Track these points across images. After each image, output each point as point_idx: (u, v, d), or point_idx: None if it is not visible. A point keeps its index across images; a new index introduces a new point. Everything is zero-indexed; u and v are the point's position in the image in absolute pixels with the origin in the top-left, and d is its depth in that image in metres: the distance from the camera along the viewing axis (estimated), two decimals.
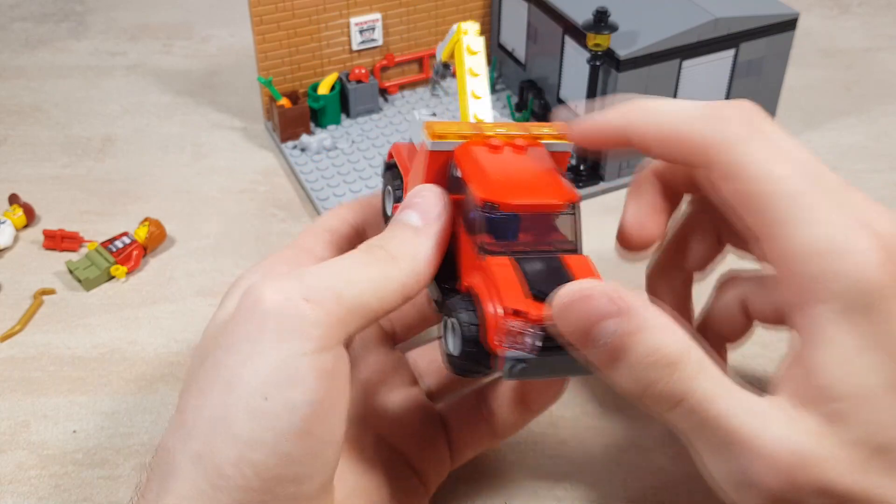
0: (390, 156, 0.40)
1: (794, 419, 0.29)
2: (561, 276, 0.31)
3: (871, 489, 0.28)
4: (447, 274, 0.34)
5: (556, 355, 0.30)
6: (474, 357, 0.31)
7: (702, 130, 0.32)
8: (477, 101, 0.38)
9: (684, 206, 0.40)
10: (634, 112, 0.34)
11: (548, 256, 0.32)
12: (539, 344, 0.30)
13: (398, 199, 0.38)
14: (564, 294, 0.29)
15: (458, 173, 0.34)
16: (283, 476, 0.29)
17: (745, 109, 0.32)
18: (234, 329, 0.30)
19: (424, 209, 0.33)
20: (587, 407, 0.47)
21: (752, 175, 0.31)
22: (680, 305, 0.42)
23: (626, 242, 0.38)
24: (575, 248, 0.33)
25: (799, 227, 0.30)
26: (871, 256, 0.29)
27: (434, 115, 0.40)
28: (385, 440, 0.38)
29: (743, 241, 0.38)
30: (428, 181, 0.35)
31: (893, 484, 0.29)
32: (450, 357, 0.32)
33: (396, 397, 0.40)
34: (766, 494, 0.28)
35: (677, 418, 0.29)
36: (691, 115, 0.33)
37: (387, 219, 0.39)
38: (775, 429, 0.28)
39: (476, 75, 0.39)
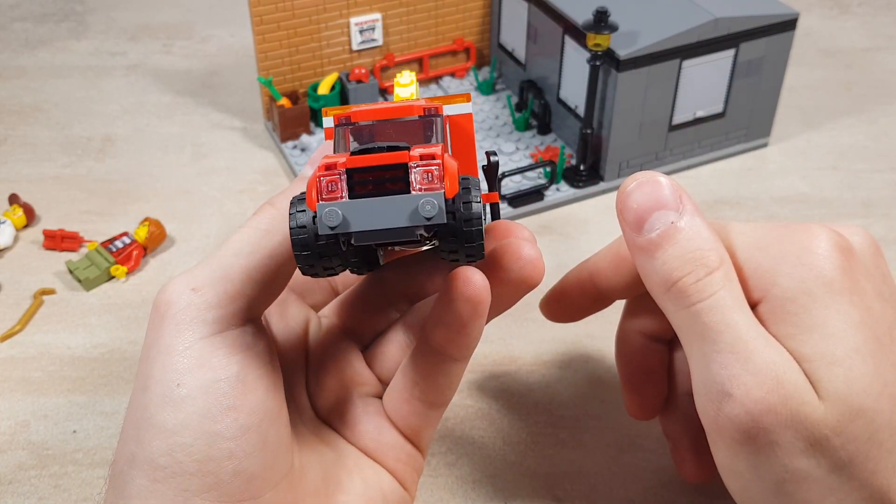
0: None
1: (793, 362, 0.30)
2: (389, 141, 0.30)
3: (852, 448, 0.29)
4: None
5: (372, 198, 0.28)
6: (309, 241, 0.29)
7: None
8: None
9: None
10: (587, 260, 0.39)
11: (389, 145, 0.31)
12: (347, 187, 0.28)
13: None
14: (635, 176, 0.33)
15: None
16: (217, 455, 0.29)
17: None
18: (146, 337, 0.31)
19: (314, 157, 0.34)
20: (587, 407, 0.47)
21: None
22: (654, 373, 0.41)
23: (638, 418, 0.42)
24: (436, 143, 0.32)
25: (741, 235, 0.33)
26: (821, 236, 0.31)
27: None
28: (358, 451, 0.38)
29: None
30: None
31: (871, 450, 0.29)
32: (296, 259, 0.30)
33: (359, 406, 0.38)
34: (742, 408, 0.30)
35: (691, 317, 0.31)
36: (621, 240, 0.37)
37: None
38: (774, 355, 0.30)
39: None
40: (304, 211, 0.29)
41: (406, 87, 0.38)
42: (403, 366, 0.37)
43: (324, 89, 0.67)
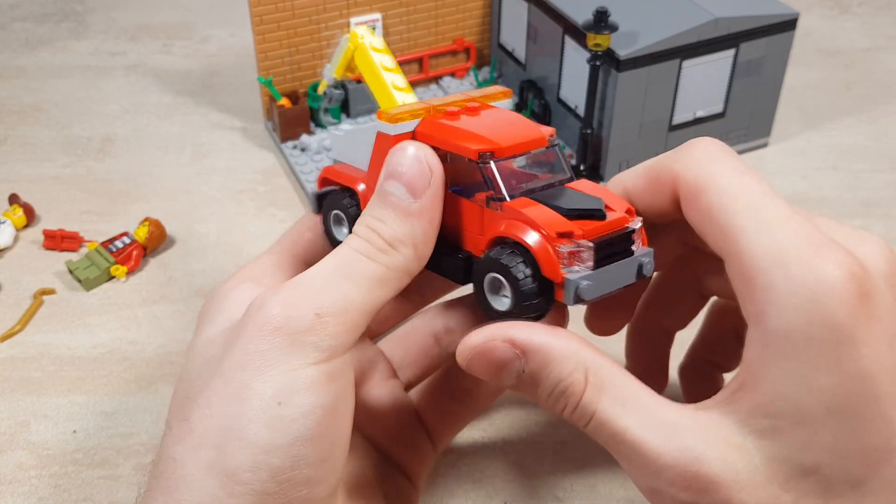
0: (323, 181, 0.38)
1: (711, 431, 0.29)
2: (582, 197, 0.32)
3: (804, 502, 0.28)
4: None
5: (611, 265, 0.31)
6: (536, 298, 0.31)
7: (671, 160, 0.33)
8: (402, 92, 0.37)
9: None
10: (623, 173, 0.35)
11: (555, 187, 0.33)
12: (593, 258, 0.30)
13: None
14: (467, 348, 0.31)
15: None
16: (297, 479, 0.29)
17: (708, 141, 0.33)
18: (244, 344, 0.30)
19: (412, 180, 0.32)
20: None
21: (717, 187, 0.30)
22: (657, 361, 0.42)
23: (593, 330, 0.40)
24: (571, 177, 0.34)
25: (761, 235, 0.29)
26: (838, 270, 0.27)
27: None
28: (369, 439, 0.38)
29: (729, 289, 0.37)
30: None
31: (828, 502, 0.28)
32: (502, 314, 0.32)
33: (376, 394, 0.39)
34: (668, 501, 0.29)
35: (592, 433, 0.30)
36: (662, 155, 0.33)
37: (335, 244, 0.37)
38: (682, 442, 0.29)
39: (391, 69, 0.37)
40: (530, 276, 0.31)
41: (380, 51, 0.38)
42: (449, 371, 0.40)
43: (324, 89, 0.67)
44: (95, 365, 0.50)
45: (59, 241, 0.58)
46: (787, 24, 0.61)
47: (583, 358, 0.30)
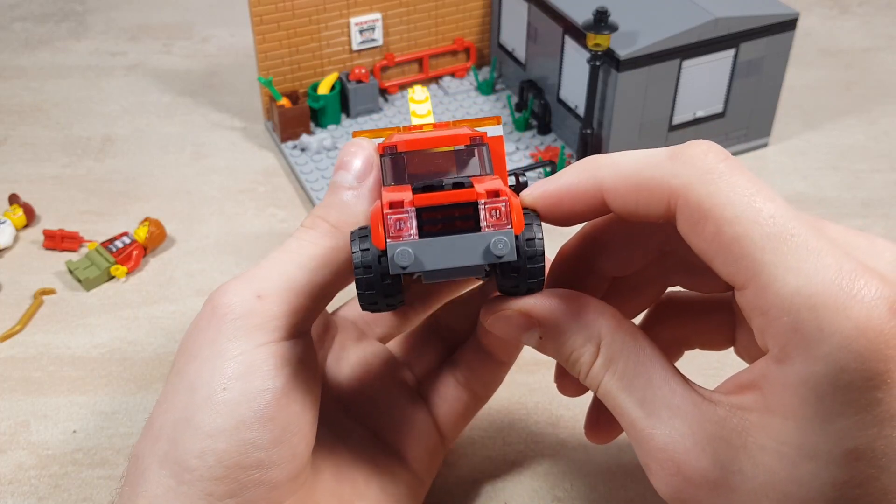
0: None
1: (712, 427, 0.28)
2: (452, 179, 0.29)
3: None
4: None
5: (444, 237, 0.28)
6: (375, 280, 0.29)
7: (666, 172, 0.29)
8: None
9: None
10: (601, 163, 0.31)
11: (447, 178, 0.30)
12: (417, 226, 0.28)
13: None
14: (488, 314, 0.32)
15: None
16: (246, 462, 0.29)
17: (706, 149, 0.29)
18: (195, 336, 0.31)
19: (354, 167, 0.33)
20: (587, 407, 0.47)
21: (729, 215, 0.27)
22: None
23: (592, 440, 0.39)
24: (488, 174, 0.32)
25: (788, 273, 0.26)
26: (874, 311, 0.25)
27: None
28: (375, 435, 0.38)
29: (698, 281, 0.36)
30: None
31: None
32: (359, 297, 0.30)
33: (385, 392, 0.39)
34: (660, 490, 0.29)
35: (601, 399, 0.31)
36: (653, 158, 0.29)
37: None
38: (676, 430, 0.28)
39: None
40: (367, 249, 0.29)
41: (421, 103, 0.39)
42: (455, 357, 0.40)
43: (324, 89, 0.67)
44: (95, 365, 0.50)
45: (59, 241, 0.58)
46: (787, 24, 0.61)
47: (597, 330, 0.30)
